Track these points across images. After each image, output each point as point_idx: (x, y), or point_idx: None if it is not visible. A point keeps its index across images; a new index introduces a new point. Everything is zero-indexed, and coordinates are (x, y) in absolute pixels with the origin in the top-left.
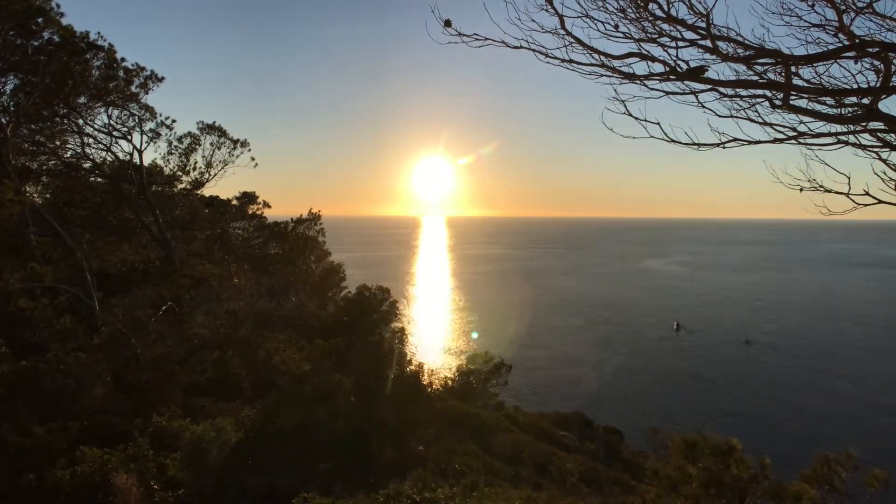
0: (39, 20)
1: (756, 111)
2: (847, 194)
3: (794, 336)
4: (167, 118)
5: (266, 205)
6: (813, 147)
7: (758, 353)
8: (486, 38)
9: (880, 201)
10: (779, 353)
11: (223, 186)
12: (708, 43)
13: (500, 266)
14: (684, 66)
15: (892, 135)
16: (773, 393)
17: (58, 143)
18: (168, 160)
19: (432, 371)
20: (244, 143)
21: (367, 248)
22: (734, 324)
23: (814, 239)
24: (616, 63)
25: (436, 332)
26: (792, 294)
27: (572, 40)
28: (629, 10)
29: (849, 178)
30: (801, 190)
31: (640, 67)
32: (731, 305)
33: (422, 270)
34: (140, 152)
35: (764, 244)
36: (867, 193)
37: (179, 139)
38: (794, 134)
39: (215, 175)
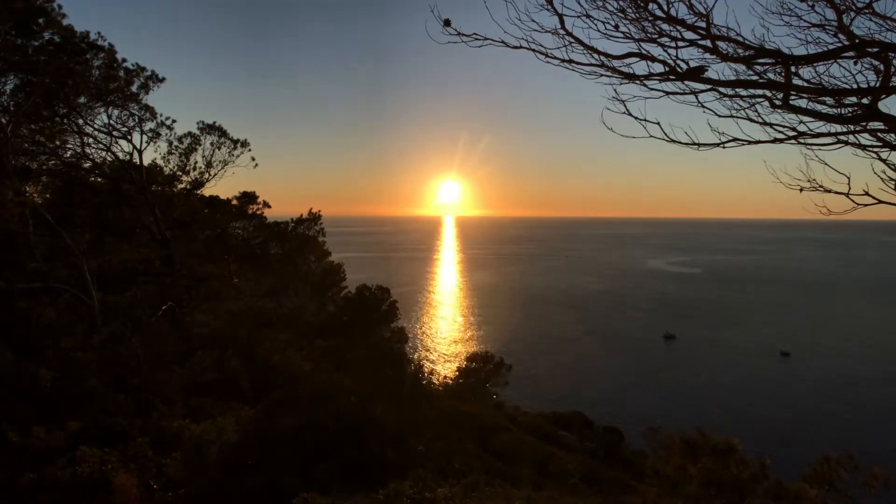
0: (40, 20)
1: (756, 111)
2: (847, 194)
3: (795, 335)
4: (167, 118)
5: (266, 205)
6: (813, 147)
7: (761, 353)
8: (486, 38)
9: (880, 201)
10: (779, 352)
11: (223, 186)
12: (708, 43)
13: (501, 266)
14: (684, 66)
15: (892, 135)
16: (774, 392)
17: (58, 143)
18: (168, 160)
19: (432, 371)
20: (244, 143)
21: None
22: (733, 325)
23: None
24: (616, 63)
25: (437, 330)
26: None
27: (572, 40)
28: (629, 10)
29: (849, 178)
30: (801, 190)
31: (640, 67)
32: (725, 306)
33: (427, 272)
34: (140, 152)
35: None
36: (867, 193)
37: (179, 139)
38: (794, 134)
39: (215, 175)
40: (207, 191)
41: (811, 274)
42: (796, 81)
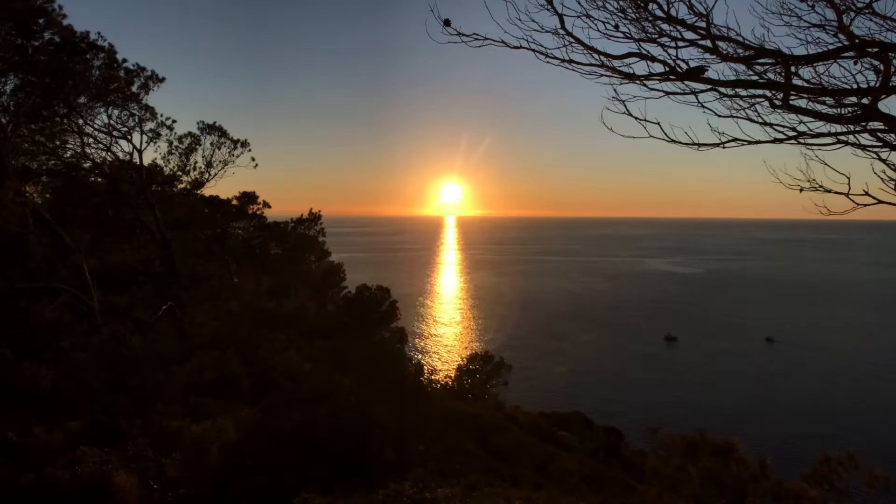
0: (41, 20)
1: (756, 111)
2: (847, 194)
3: (799, 332)
4: (167, 118)
5: (266, 205)
6: (813, 147)
7: (759, 353)
8: (486, 38)
9: (880, 201)
10: (779, 352)
11: (223, 186)
12: (708, 43)
13: (501, 266)
14: (684, 66)
15: (892, 135)
16: (774, 392)
17: (58, 143)
18: (168, 160)
19: (432, 371)
20: (244, 143)
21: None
22: (735, 328)
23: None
24: (616, 63)
25: (437, 331)
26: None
27: (572, 40)
28: (629, 10)
29: (849, 178)
30: (801, 190)
31: (640, 67)
32: (726, 303)
33: (427, 273)
34: (140, 152)
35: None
36: (867, 193)
37: (179, 139)
38: (794, 134)
39: (215, 175)
40: (207, 191)
41: (813, 275)
42: (796, 81)
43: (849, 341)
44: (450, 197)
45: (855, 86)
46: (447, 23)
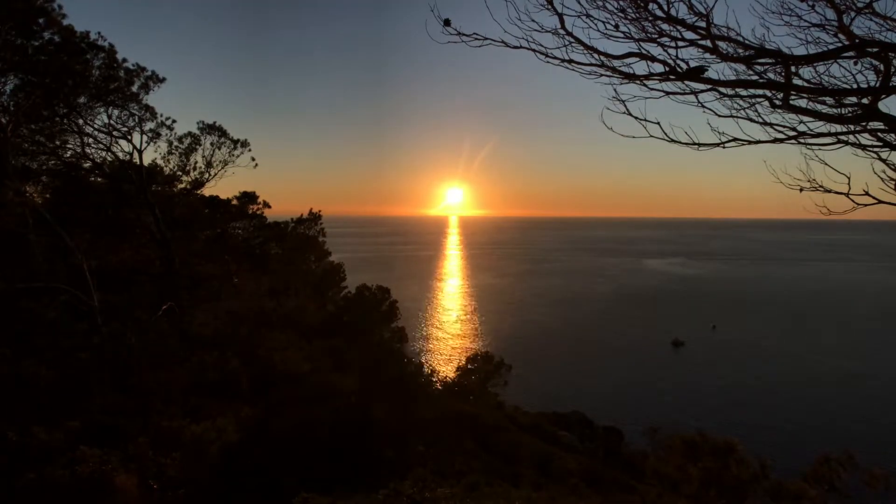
0: (41, 20)
1: (756, 111)
2: (847, 194)
3: (794, 333)
4: (167, 118)
5: (266, 205)
6: (813, 147)
7: (757, 352)
8: (486, 38)
9: (880, 201)
10: (779, 352)
11: (223, 186)
12: (708, 43)
13: (501, 267)
14: (684, 66)
15: (892, 135)
16: (773, 392)
17: (58, 143)
18: (168, 160)
19: (432, 371)
20: (244, 143)
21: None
22: (741, 330)
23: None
24: (616, 63)
25: (437, 331)
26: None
27: (572, 40)
28: (629, 9)
29: (849, 178)
30: (801, 190)
31: (640, 67)
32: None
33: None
34: (140, 152)
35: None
36: (867, 193)
37: (179, 139)
38: (794, 134)
39: (215, 175)
40: (207, 191)
41: (815, 276)
42: (796, 81)
43: (851, 343)
44: (454, 198)
45: (855, 86)
46: (447, 22)
